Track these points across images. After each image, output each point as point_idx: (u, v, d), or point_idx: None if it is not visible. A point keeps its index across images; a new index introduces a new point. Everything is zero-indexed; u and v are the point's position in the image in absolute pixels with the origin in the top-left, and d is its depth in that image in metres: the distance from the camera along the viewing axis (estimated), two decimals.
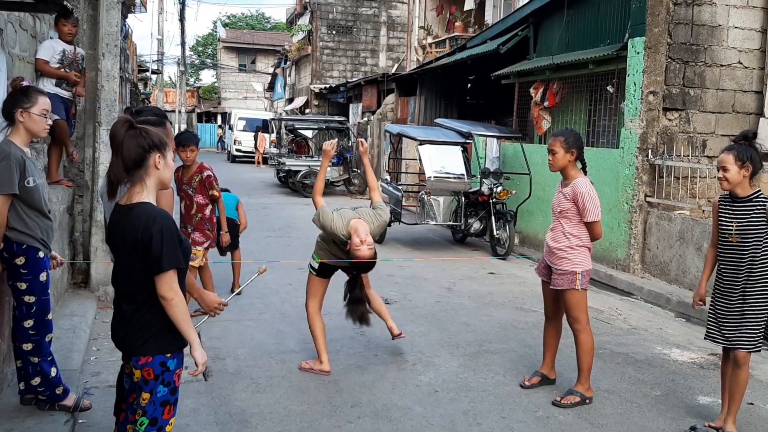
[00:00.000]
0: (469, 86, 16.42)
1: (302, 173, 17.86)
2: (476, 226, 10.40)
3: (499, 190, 9.99)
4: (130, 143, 2.63)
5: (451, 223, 10.71)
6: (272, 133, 23.30)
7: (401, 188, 11.82)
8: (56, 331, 4.25)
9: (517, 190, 10.15)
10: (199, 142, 6.00)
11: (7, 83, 5.18)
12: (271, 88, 45.10)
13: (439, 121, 12.39)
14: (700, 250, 7.31)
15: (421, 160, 10.76)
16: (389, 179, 12.34)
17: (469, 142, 10.87)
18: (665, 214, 8.06)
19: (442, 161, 10.38)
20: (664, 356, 5.63)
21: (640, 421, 4.32)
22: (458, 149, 10.63)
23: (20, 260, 3.71)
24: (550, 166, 4.58)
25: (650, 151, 8.31)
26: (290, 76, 36.73)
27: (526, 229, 10.62)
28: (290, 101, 35.63)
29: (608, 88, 9.33)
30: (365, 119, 21.52)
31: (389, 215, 5.05)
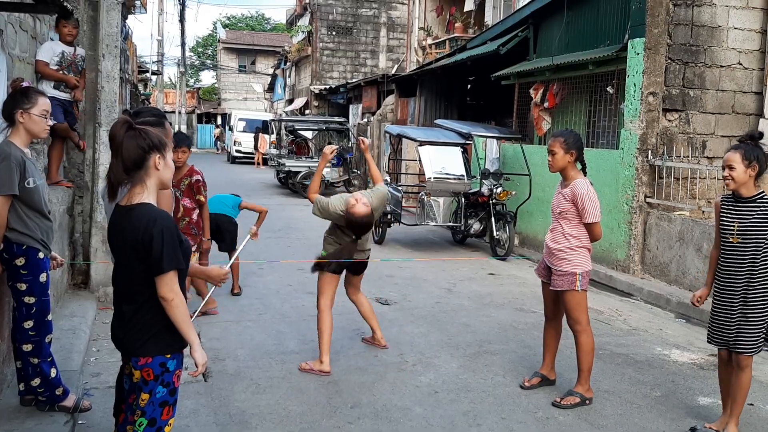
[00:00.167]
0: (469, 87, 16.41)
1: (302, 174, 17.84)
2: (476, 227, 10.41)
3: (499, 191, 10.00)
4: (129, 144, 2.62)
5: (450, 224, 10.72)
6: (272, 134, 23.29)
7: (401, 189, 11.82)
8: (56, 331, 4.25)
9: (516, 191, 10.15)
10: (191, 143, 5.91)
11: (7, 84, 5.18)
12: (271, 89, 45.13)
13: (438, 121, 12.39)
14: (700, 251, 7.31)
15: (420, 161, 10.77)
16: (389, 180, 12.33)
17: (469, 143, 10.88)
18: (665, 214, 8.06)
19: (442, 162, 10.39)
20: (664, 357, 5.63)
21: (640, 422, 4.32)
22: (458, 150, 10.64)
23: (20, 261, 3.71)
24: (549, 166, 4.58)
25: (650, 151, 8.31)
26: (290, 77, 36.75)
27: (525, 230, 10.63)
28: (290, 102, 35.65)
29: (608, 89, 9.34)
30: (365, 120, 21.51)
31: (387, 189, 5.18)
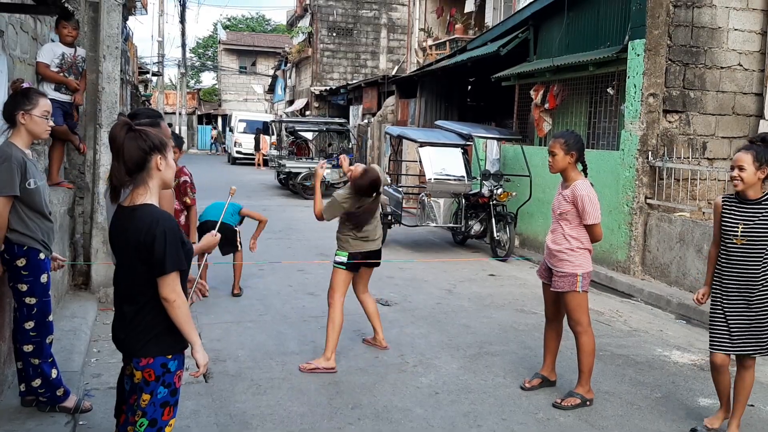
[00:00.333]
0: (469, 88, 16.43)
1: (302, 175, 17.83)
2: (476, 228, 10.41)
3: (499, 192, 10.00)
4: (130, 146, 2.62)
5: (451, 225, 10.71)
6: (273, 135, 23.30)
7: (401, 190, 11.82)
8: (57, 332, 4.25)
9: (517, 192, 10.16)
10: (182, 143, 5.80)
11: (7, 85, 5.18)
12: (271, 90, 45.16)
13: (439, 123, 12.40)
14: (700, 252, 7.31)
15: (421, 162, 10.77)
16: (389, 181, 12.33)
17: (469, 144, 10.88)
18: (665, 216, 8.06)
19: (442, 163, 10.39)
20: (664, 358, 5.63)
21: (640, 423, 4.32)
22: (458, 151, 10.64)
23: (21, 262, 3.71)
24: (550, 167, 4.58)
25: (650, 153, 8.31)
26: (290, 78, 36.78)
27: (526, 231, 10.63)
28: (290, 103, 35.68)
29: (608, 90, 9.34)
30: (365, 121, 21.52)
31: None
